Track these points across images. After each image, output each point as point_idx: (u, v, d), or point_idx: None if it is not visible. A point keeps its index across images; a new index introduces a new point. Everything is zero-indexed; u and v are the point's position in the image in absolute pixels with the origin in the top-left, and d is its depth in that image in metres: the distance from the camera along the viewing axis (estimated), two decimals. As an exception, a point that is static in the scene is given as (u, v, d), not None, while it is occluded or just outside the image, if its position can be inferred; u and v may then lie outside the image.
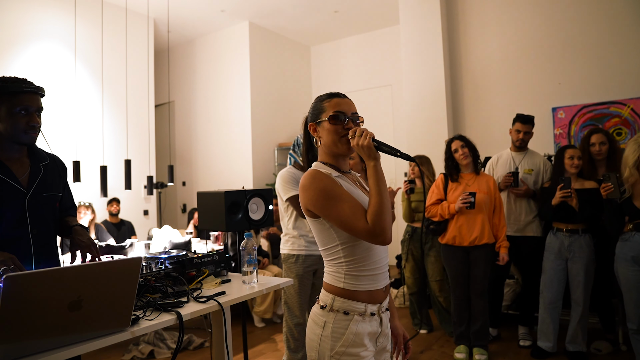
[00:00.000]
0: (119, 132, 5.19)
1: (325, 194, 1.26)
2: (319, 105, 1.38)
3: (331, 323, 1.29)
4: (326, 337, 1.28)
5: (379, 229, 1.20)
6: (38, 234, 1.69)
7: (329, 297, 1.32)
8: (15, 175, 1.65)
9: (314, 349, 1.30)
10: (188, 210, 6.35)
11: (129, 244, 3.76)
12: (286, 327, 2.75)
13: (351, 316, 1.28)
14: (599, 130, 3.17)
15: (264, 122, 6.13)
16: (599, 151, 3.06)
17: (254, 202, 2.49)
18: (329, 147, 1.36)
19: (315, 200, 1.27)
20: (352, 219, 1.23)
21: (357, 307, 1.29)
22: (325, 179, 1.28)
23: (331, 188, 1.27)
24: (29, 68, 4.48)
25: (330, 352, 1.27)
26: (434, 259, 3.56)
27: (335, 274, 1.32)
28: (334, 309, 1.29)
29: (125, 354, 3.33)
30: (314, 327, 1.32)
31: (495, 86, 4.65)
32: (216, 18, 5.84)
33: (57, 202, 1.82)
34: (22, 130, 1.62)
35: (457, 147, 3.08)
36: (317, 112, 1.37)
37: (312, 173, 1.30)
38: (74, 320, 1.24)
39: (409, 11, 4.94)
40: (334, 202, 1.25)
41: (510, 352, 3.22)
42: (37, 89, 1.67)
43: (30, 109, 1.63)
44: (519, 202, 3.33)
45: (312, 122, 1.39)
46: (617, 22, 4.06)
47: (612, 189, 2.57)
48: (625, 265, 2.57)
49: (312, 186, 1.28)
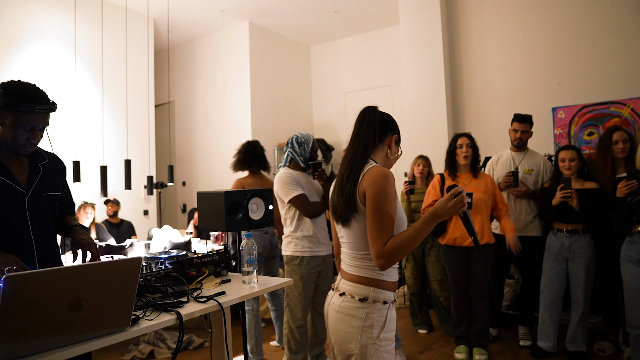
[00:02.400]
0: (119, 132, 5.19)
1: (388, 198, 1.36)
2: (397, 125, 1.56)
3: (373, 313, 1.39)
4: (369, 327, 1.37)
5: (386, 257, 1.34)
6: (39, 234, 1.70)
7: (367, 289, 1.41)
8: (15, 176, 1.65)
9: (354, 341, 1.38)
10: (188, 210, 6.35)
11: (129, 244, 3.76)
12: (287, 329, 2.74)
13: (387, 305, 1.41)
14: (619, 127, 3.02)
15: (264, 122, 6.13)
16: (623, 149, 2.90)
17: (254, 202, 2.49)
18: (391, 162, 1.55)
19: (379, 196, 1.36)
20: (380, 232, 1.35)
21: (389, 296, 1.43)
22: (393, 186, 1.39)
23: (393, 196, 1.38)
24: (29, 68, 4.48)
25: (374, 339, 1.37)
26: (434, 259, 3.56)
27: (372, 267, 1.42)
28: (375, 300, 1.40)
29: (125, 354, 3.33)
30: (351, 320, 1.39)
31: (495, 86, 4.65)
32: (216, 18, 5.84)
33: (56, 201, 1.82)
34: (21, 144, 1.63)
35: (463, 143, 3.07)
36: (398, 131, 1.56)
37: (390, 174, 1.39)
38: (74, 320, 1.24)
39: (409, 11, 4.93)
40: (386, 209, 1.36)
41: (510, 352, 3.22)
42: (50, 108, 1.64)
43: (35, 127, 1.63)
44: (519, 202, 3.33)
45: (396, 134, 1.55)
46: (617, 22, 4.06)
47: (636, 186, 2.47)
48: (631, 267, 2.55)
49: (386, 184, 1.37)
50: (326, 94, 6.92)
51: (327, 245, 2.76)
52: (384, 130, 1.52)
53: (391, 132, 1.53)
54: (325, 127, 6.85)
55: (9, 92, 1.55)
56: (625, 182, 2.52)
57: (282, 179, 2.65)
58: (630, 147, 2.93)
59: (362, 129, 1.50)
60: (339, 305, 1.43)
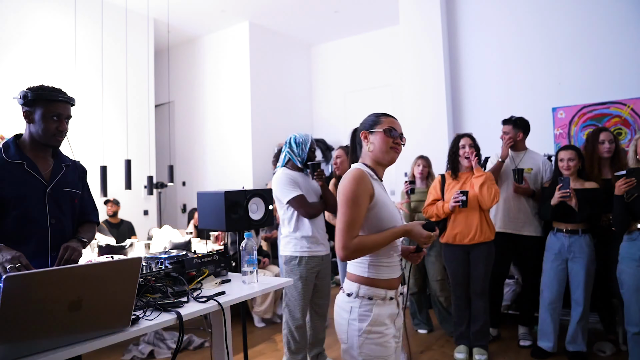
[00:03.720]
0: (119, 132, 5.19)
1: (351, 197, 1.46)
2: (375, 119, 1.60)
3: (357, 308, 1.49)
4: (354, 320, 1.49)
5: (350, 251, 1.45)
6: (56, 224, 1.83)
7: (354, 285, 1.52)
8: (40, 170, 1.83)
9: (344, 332, 1.51)
10: (188, 210, 6.35)
11: (129, 244, 3.76)
12: (287, 329, 2.74)
13: (374, 301, 1.49)
14: (605, 128, 3.15)
15: (264, 122, 6.13)
16: (609, 149, 3.03)
17: (254, 202, 2.49)
18: (377, 154, 1.57)
19: (341, 194, 1.48)
20: (344, 227, 1.45)
21: (378, 293, 1.50)
22: (366, 186, 1.47)
23: (362, 194, 1.46)
24: (29, 68, 4.48)
25: (359, 332, 1.48)
26: (434, 259, 3.56)
27: (360, 265, 1.53)
28: (360, 296, 1.50)
29: (125, 354, 3.33)
30: (342, 313, 1.53)
31: (495, 86, 4.65)
32: (216, 18, 5.84)
33: (75, 198, 1.96)
34: (51, 134, 1.81)
35: (466, 144, 3.06)
36: (373, 124, 1.59)
37: (360, 174, 1.49)
38: (74, 320, 1.24)
39: (409, 11, 4.93)
40: (349, 205, 1.46)
41: (510, 352, 3.22)
42: (70, 99, 1.88)
43: (61, 116, 1.83)
44: (518, 201, 3.32)
45: (365, 130, 1.60)
46: (617, 22, 4.06)
47: (635, 184, 2.50)
48: (633, 265, 2.55)
49: (349, 183, 1.48)
50: (326, 94, 6.92)
51: (325, 245, 2.76)
52: (357, 137, 1.65)
53: (364, 129, 1.61)
54: (325, 127, 6.85)
55: (34, 90, 1.80)
56: (624, 179, 2.54)
57: (281, 180, 2.65)
58: (615, 148, 3.06)
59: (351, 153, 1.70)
60: (337, 298, 1.59)
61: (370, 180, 1.51)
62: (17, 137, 1.87)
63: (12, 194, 1.74)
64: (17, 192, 1.75)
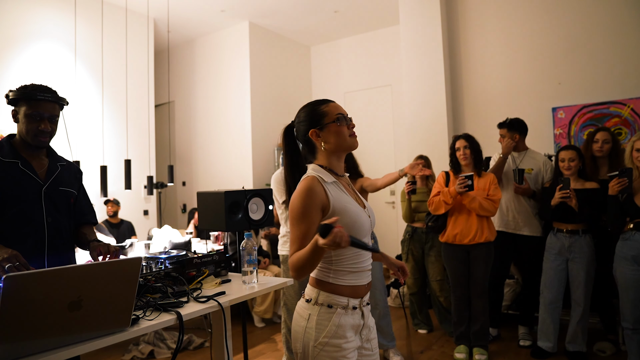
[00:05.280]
0: (119, 132, 5.19)
1: (298, 212, 1.32)
2: (317, 111, 1.42)
3: (315, 315, 1.35)
4: (310, 329, 1.35)
5: (292, 272, 1.31)
6: (52, 222, 1.84)
7: (314, 291, 1.39)
8: (35, 169, 1.84)
9: (299, 340, 1.37)
10: (188, 210, 6.35)
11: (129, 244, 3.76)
12: (285, 329, 2.74)
13: (334, 309, 1.35)
14: (605, 128, 3.18)
15: (264, 122, 6.13)
16: (601, 148, 3.08)
17: (254, 202, 2.49)
18: (335, 149, 1.41)
19: (294, 212, 1.34)
20: (293, 245, 1.32)
21: (340, 301, 1.36)
22: (315, 199, 1.32)
23: (311, 210, 1.32)
24: (29, 68, 4.48)
25: (314, 342, 1.33)
26: (434, 259, 3.56)
27: (324, 269, 1.38)
28: (319, 303, 1.36)
29: (125, 354, 3.33)
30: (299, 320, 1.39)
31: (495, 86, 4.65)
32: (216, 18, 5.84)
33: (71, 198, 1.96)
34: (33, 133, 1.79)
35: (460, 146, 3.08)
36: (318, 118, 1.41)
37: (309, 186, 1.33)
38: (74, 320, 1.24)
39: (409, 11, 4.93)
40: (296, 220, 1.33)
41: (510, 352, 3.22)
42: (56, 99, 1.83)
43: (43, 115, 1.79)
44: (518, 201, 3.33)
45: (313, 128, 1.41)
46: (617, 22, 4.06)
47: (627, 183, 2.54)
48: (625, 264, 2.58)
49: (301, 200, 1.33)
50: (326, 94, 6.91)
51: (323, 246, 2.75)
52: (296, 137, 1.48)
53: (311, 127, 1.42)
54: (325, 127, 6.83)
55: (17, 89, 1.79)
56: (617, 179, 2.58)
57: (279, 179, 2.66)
58: (613, 148, 3.09)
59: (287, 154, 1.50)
60: (297, 304, 1.45)
61: (324, 188, 1.34)
62: (10, 136, 1.87)
63: (8, 193, 1.74)
64: (13, 191, 1.75)
